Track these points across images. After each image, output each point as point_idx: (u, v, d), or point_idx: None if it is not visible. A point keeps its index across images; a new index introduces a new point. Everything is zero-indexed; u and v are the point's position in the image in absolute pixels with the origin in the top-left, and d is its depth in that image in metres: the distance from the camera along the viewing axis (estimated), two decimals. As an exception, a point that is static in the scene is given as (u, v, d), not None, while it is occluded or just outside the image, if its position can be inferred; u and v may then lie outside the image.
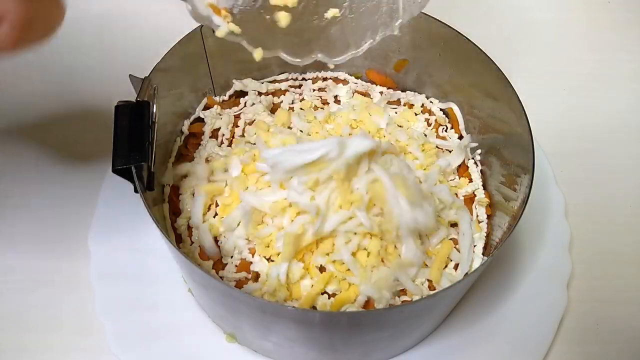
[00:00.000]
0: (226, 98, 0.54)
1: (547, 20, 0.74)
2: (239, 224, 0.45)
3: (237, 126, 0.52)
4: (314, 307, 0.41)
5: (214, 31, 0.36)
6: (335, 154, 0.39)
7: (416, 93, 0.55)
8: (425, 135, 0.53)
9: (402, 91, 0.56)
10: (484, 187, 0.50)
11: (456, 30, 0.48)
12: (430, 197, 0.45)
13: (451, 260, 0.45)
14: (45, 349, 0.46)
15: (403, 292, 0.43)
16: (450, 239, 0.46)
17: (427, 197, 0.44)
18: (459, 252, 0.46)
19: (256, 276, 0.43)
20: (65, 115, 0.60)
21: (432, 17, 0.49)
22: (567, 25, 0.74)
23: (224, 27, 0.36)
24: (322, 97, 0.56)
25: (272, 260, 0.43)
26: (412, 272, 0.43)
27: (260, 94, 0.55)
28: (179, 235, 0.46)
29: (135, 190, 0.37)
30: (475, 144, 0.51)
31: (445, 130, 0.54)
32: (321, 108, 0.55)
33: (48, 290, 0.48)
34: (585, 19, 0.75)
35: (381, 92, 0.56)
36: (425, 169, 0.49)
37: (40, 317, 0.47)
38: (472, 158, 0.51)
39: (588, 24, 0.74)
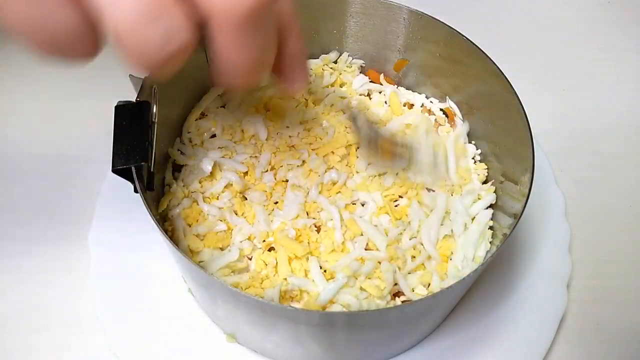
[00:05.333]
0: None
1: (547, 20, 0.74)
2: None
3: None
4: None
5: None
6: None
7: (416, 93, 0.55)
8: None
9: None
10: (484, 187, 0.50)
11: (456, 30, 0.48)
12: None
13: (451, 260, 0.45)
14: (45, 349, 0.46)
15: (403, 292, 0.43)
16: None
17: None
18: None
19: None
20: (66, 114, 0.60)
21: (433, 17, 0.49)
22: (567, 25, 0.74)
23: None
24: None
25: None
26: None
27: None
28: (179, 235, 0.46)
29: (135, 190, 0.37)
30: (474, 146, 0.51)
31: (445, 131, 0.54)
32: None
33: (48, 290, 0.48)
34: (585, 19, 0.75)
35: (381, 92, 0.56)
36: None
37: (40, 317, 0.47)
38: (472, 158, 0.51)
39: (588, 24, 0.74)
